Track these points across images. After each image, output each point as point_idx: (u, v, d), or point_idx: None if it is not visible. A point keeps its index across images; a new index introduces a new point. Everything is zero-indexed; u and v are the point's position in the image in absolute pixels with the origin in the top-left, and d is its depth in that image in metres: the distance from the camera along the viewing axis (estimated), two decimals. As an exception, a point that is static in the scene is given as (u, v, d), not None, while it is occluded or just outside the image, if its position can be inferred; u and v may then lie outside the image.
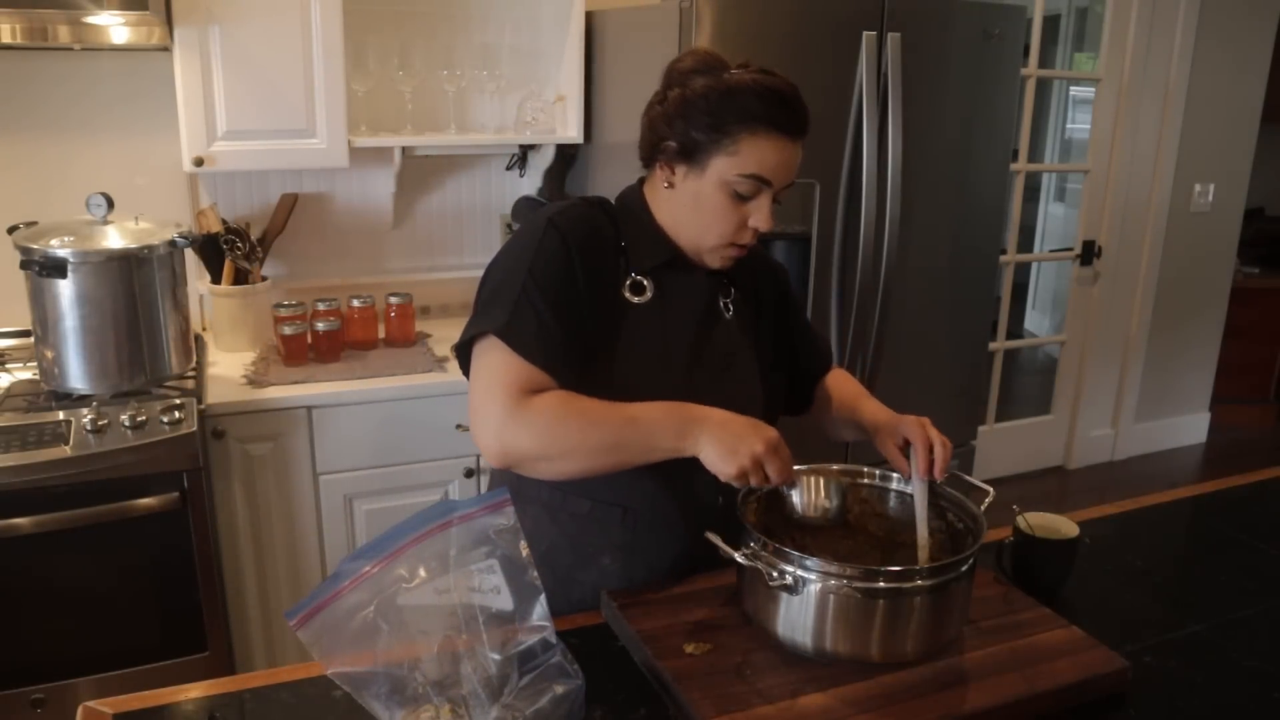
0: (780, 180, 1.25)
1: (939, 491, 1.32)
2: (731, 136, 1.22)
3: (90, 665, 2.07)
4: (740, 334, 1.41)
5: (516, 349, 1.21)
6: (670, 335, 1.32)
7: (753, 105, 1.21)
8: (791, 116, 1.23)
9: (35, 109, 2.40)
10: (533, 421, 1.20)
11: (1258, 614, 1.37)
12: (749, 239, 1.29)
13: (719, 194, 1.25)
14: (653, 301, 1.31)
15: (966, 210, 2.58)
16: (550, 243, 1.25)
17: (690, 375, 1.32)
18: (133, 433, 2.01)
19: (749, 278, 1.44)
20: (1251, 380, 4.82)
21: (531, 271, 1.23)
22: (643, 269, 1.31)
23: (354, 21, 2.43)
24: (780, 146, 1.23)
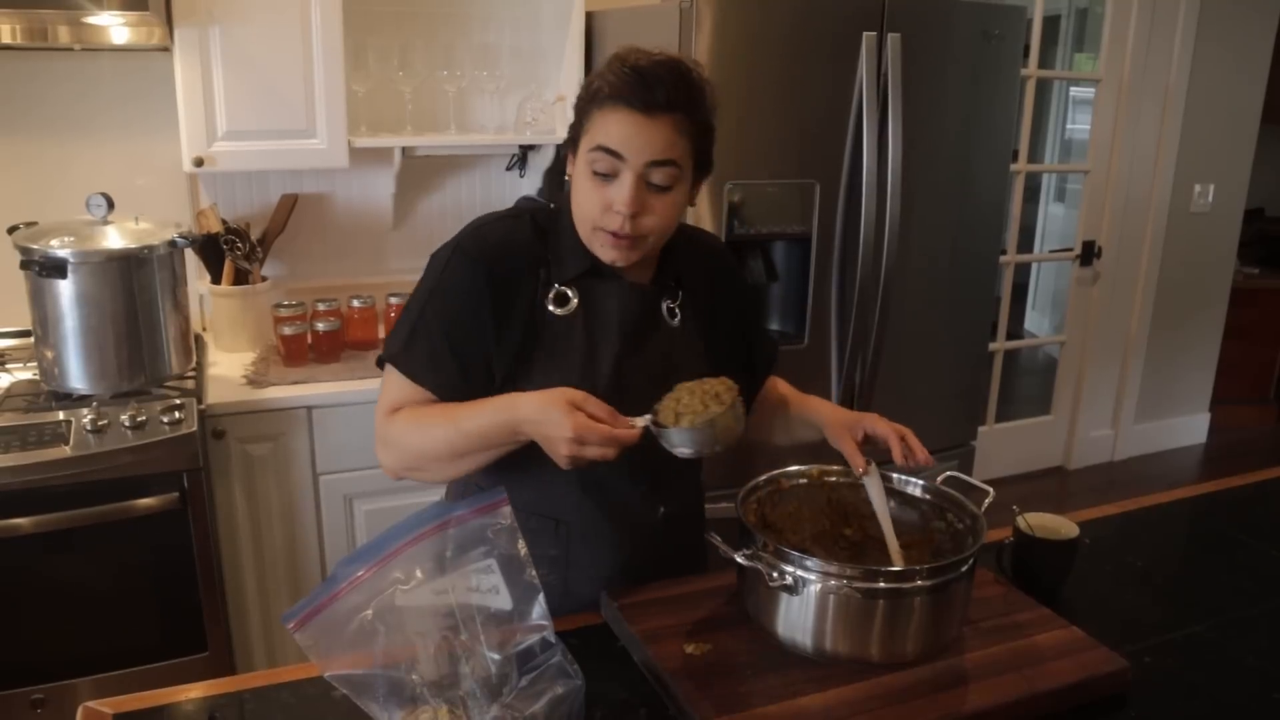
0: (633, 154, 1.19)
1: (939, 491, 1.32)
2: (589, 114, 1.22)
3: (90, 665, 2.07)
4: (687, 340, 1.37)
5: (407, 374, 1.28)
6: (594, 346, 1.29)
7: (606, 82, 1.20)
8: (641, 90, 1.18)
9: (35, 109, 2.40)
10: (392, 439, 1.29)
11: (1258, 614, 1.37)
12: (616, 224, 1.22)
13: (584, 175, 1.23)
14: (575, 312, 1.29)
15: (966, 210, 2.58)
16: (454, 269, 1.28)
17: (619, 386, 1.28)
18: (133, 433, 2.01)
19: (703, 278, 1.41)
20: (1251, 380, 4.82)
21: (431, 298, 1.29)
22: (564, 279, 1.29)
23: (354, 22, 2.43)
24: (625, 119, 1.18)
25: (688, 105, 1.21)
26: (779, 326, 2.52)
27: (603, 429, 1.13)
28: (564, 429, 1.13)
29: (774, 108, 2.26)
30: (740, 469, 1.41)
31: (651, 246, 1.28)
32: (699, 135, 1.24)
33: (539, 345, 1.28)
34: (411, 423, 1.27)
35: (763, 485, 1.32)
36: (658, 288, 1.35)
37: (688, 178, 1.26)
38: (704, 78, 1.24)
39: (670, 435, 1.16)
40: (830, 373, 2.48)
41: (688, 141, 1.22)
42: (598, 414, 1.14)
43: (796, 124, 2.28)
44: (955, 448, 2.74)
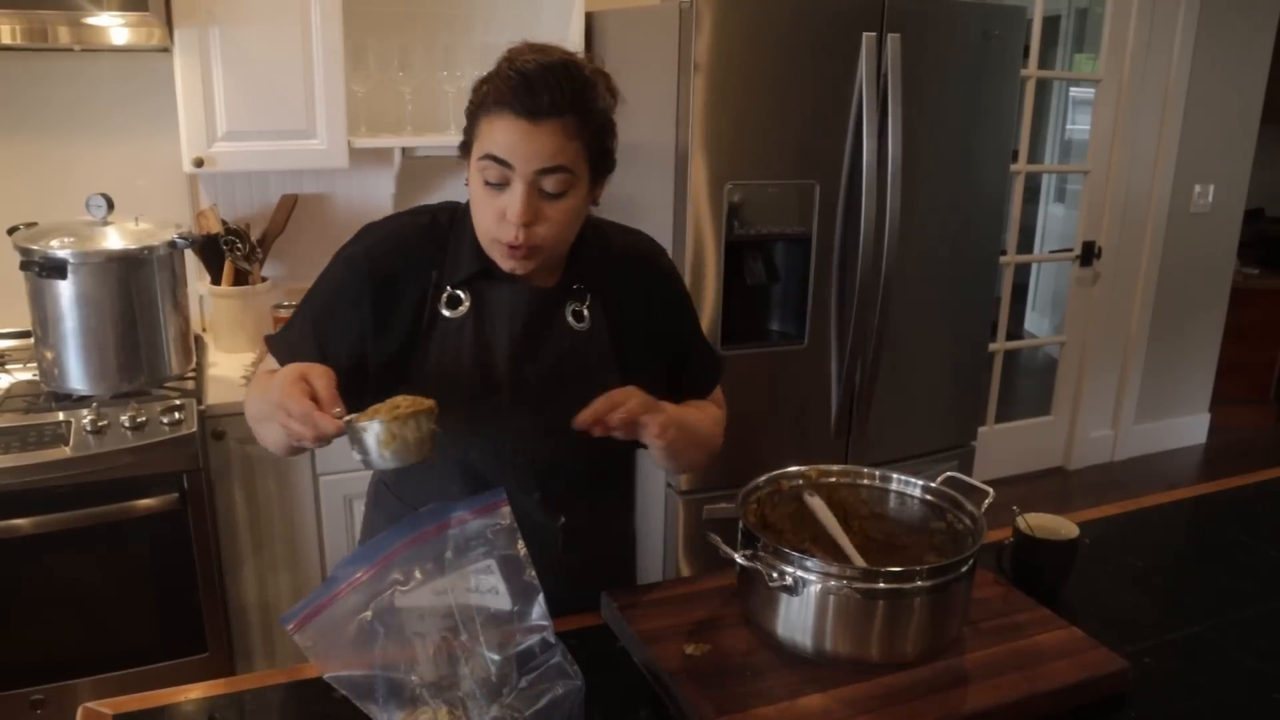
0: (521, 162, 1.15)
1: (939, 491, 1.31)
2: (477, 122, 1.19)
3: (90, 666, 2.07)
4: (595, 345, 1.32)
5: (272, 352, 1.30)
6: (485, 349, 1.26)
7: (491, 88, 1.16)
8: (523, 93, 1.13)
9: (35, 110, 2.40)
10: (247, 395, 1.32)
11: (1258, 614, 1.37)
12: (510, 235, 1.18)
13: (476, 185, 1.20)
14: (467, 315, 1.27)
15: (966, 210, 2.58)
16: (340, 266, 1.28)
17: (512, 390, 1.26)
18: (132, 433, 2.01)
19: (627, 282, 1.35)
20: (1251, 381, 4.82)
21: (313, 290, 1.30)
22: (456, 281, 1.27)
23: (354, 22, 2.43)
24: (511, 126, 1.14)
25: (578, 107, 1.16)
26: (779, 326, 2.52)
27: (303, 403, 1.07)
28: (277, 393, 1.09)
29: (774, 108, 2.26)
30: (740, 469, 1.41)
31: (550, 254, 1.24)
32: (594, 136, 1.19)
33: (428, 347, 1.26)
34: (253, 385, 1.30)
35: (763, 486, 1.32)
36: (561, 290, 1.30)
37: (583, 181, 1.21)
38: (598, 73, 1.19)
39: (352, 434, 1.09)
40: (830, 373, 2.48)
41: (579, 144, 1.18)
42: (320, 391, 1.09)
43: (796, 124, 2.28)
44: (955, 448, 2.74)
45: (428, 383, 1.24)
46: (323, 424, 1.07)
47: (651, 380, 1.34)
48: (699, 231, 2.26)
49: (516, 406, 1.27)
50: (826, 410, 2.50)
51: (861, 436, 2.55)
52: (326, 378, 1.10)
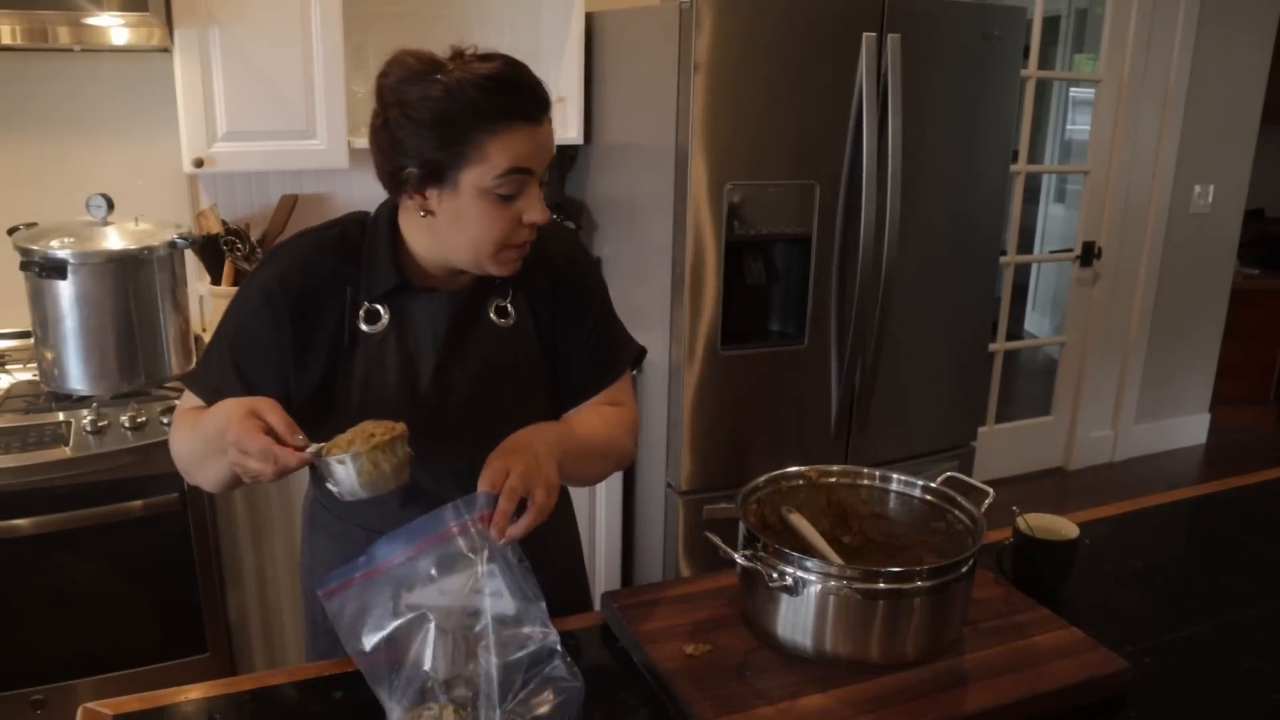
0: (539, 165, 1.16)
1: (939, 491, 1.31)
2: (474, 144, 1.11)
3: (90, 666, 2.07)
4: (521, 340, 1.31)
5: (193, 390, 1.26)
6: (409, 360, 1.24)
7: (482, 102, 1.09)
8: (529, 99, 1.12)
9: (35, 110, 2.40)
10: (172, 436, 1.27)
11: (1258, 614, 1.37)
12: (527, 235, 1.18)
13: (481, 204, 1.14)
14: (388, 328, 1.24)
15: (966, 211, 2.58)
16: (253, 295, 1.23)
17: (442, 396, 1.25)
18: (133, 434, 2.01)
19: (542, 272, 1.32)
20: (1251, 381, 4.82)
21: (227, 323, 1.25)
22: (373, 296, 1.23)
23: (354, 22, 2.43)
24: (528, 134, 1.12)
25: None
26: (779, 326, 2.52)
27: (261, 439, 1.03)
28: (230, 433, 1.04)
29: (773, 108, 2.26)
30: (740, 469, 1.41)
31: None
32: None
33: (353, 364, 1.23)
34: (180, 418, 1.26)
35: (763, 486, 1.32)
36: (480, 289, 1.28)
37: None
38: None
39: (325, 468, 1.06)
40: (830, 373, 2.48)
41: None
42: (275, 425, 1.05)
43: (796, 124, 2.28)
44: (955, 448, 2.74)
45: (355, 401, 1.22)
46: (286, 459, 1.03)
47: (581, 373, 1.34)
48: (699, 231, 2.26)
49: (448, 412, 1.25)
50: (826, 410, 2.50)
51: (861, 436, 2.55)
52: (277, 410, 1.06)
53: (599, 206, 2.77)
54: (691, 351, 2.33)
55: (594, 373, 1.37)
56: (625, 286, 2.55)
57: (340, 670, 1.20)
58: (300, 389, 1.23)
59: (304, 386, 1.23)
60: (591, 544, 2.56)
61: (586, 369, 1.37)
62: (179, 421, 1.26)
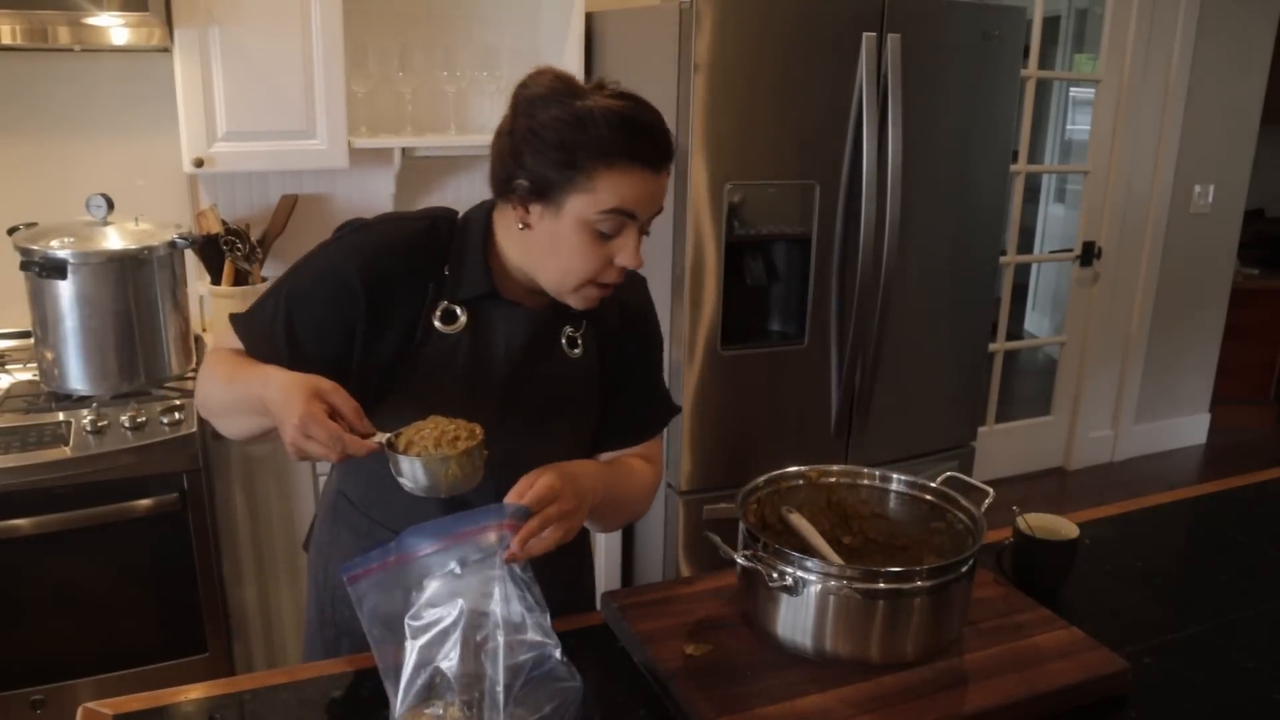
0: (646, 213, 1.15)
1: (939, 491, 1.31)
2: (586, 173, 1.10)
3: (90, 666, 2.07)
4: (585, 372, 1.30)
5: (237, 331, 1.25)
6: (477, 368, 1.23)
7: (607, 136, 1.09)
8: (652, 146, 1.12)
9: (35, 110, 2.40)
10: (201, 374, 1.26)
11: (1258, 614, 1.37)
12: (615, 277, 1.18)
13: (579, 234, 1.13)
14: (463, 332, 1.23)
15: (966, 211, 2.58)
16: (327, 263, 1.22)
17: (501, 411, 1.24)
18: (132, 434, 2.01)
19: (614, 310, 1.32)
20: (1251, 381, 4.82)
21: (295, 278, 1.23)
22: (457, 299, 1.22)
23: (354, 22, 2.43)
24: (642, 179, 1.12)
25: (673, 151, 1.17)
26: (779, 326, 2.52)
27: (330, 426, 1.02)
28: (293, 414, 1.02)
29: (774, 108, 2.26)
30: (740, 469, 1.41)
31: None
32: None
33: (420, 359, 1.22)
34: (214, 362, 1.23)
35: (763, 486, 1.32)
36: (557, 314, 1.27)
37: None
38: None
39: (399, 462, 1.07)
40: (830, 373, 2.48)
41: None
42: (342, 409, 1.05)
43: (796, 124, 2.28)
44: (955, 448, 2.74)
45: (416, 394, 1.22)
46: (355, 449, 1.03)
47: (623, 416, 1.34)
48: (699, 231, 2.26)
49: (504, 429, 1.24)
50: (826, 410, 2.50)
51: (861, 436, 2.55)
52: (342, 394, 1.06)
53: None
54: (691, 351, 2.33)
55: (636, 424, 1.38)
56: (625, 286, 2.55)
57: (340, 670, 1.20)
58: (362, 370, 1.21)
59: (366, 369, 1.21)
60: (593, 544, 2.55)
61: (630, 418, 1.37)
62: (213, 362, 1.23)
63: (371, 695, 1.16)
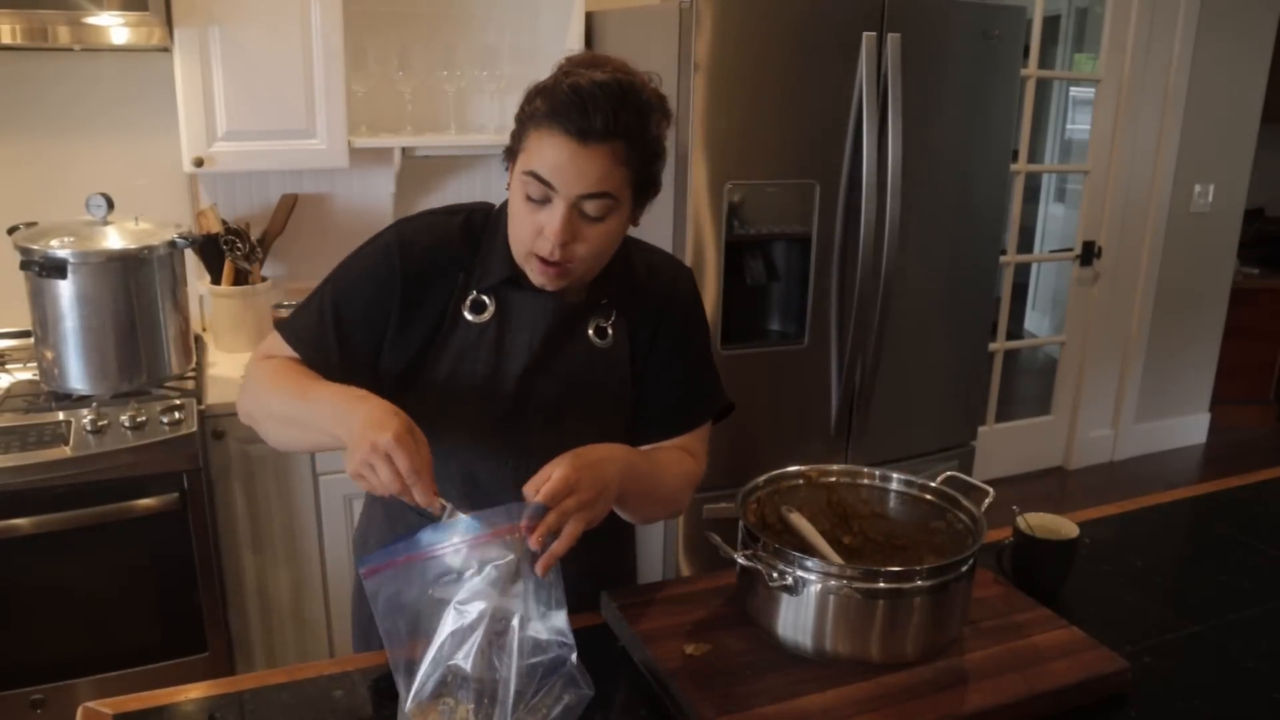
0: (564, 185, 1.12)
1: (939, 491, 1.31)
2: (525, 132, 1.15)
3: (90, 666, 2.07)
4: (614, 363, 1.30)
5: (287, 338, 1.25)
6: (503, 356, 1.25)
7: (548, 100, 1.11)
8: (580, 117, 1.09)
9: (35, 109, 2.40)
10: (251, 380, 1.25)
11: (1258, 614, 1.37)
12: (545, 250, 1.15)
13: (516, 196, 1.17)
14: (490, 321, 1.25)
15: (966, 210, 2.58)
16: (371, 252, 1.26)
17: (523, 401, 1.25)
18: (133, 433, 2.01)
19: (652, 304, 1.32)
20: (1251, 380, 4.82)
21: (339, 275, 1.26)
22: (484, 286, 1.25)
23: (354, 22, 2.43)
24: (561, 146, 1.10)
25: (630, 132, 1.12)
26: (779, 326, 2.52)
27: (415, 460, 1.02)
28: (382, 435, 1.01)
29: (774, 108, 2.26)
30: (740, 469, 1.41)
31: (583, 274, 1.22)
32: (642, 162, 1.16)
33: (446, 348, 1.24)
34: (272, 371, 1.22)
35: (763, 486, 1.32)
36: (587, 306, 1.28)
37: (626, 206, 1.18)
38: (656, 96, 1.16)
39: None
40: (830, 373, 2.48)
41: (627, 171, 1.14)
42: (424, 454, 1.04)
43: (796, 124, 2.28)
44: (955, 448, 2.74)
45: (440, 382, 1.23)
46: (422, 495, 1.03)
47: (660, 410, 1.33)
48: (699, 231, 2.26)
49: (526, 419, 1.25)
50: (826, 410, 2.50)
51: (861, 436, 2.55)
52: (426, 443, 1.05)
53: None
54: (691, 351, 2.33)
55: (676, 415, 1.36)
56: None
57: (340, 670, 1.20)
58: (392, 358, 1.24)
59: (397, 356, 1.24)
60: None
61: (669, 409, 1.35)
62: (273, 372, 1.21)
63: (372, 694, 1.16)
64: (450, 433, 1.25)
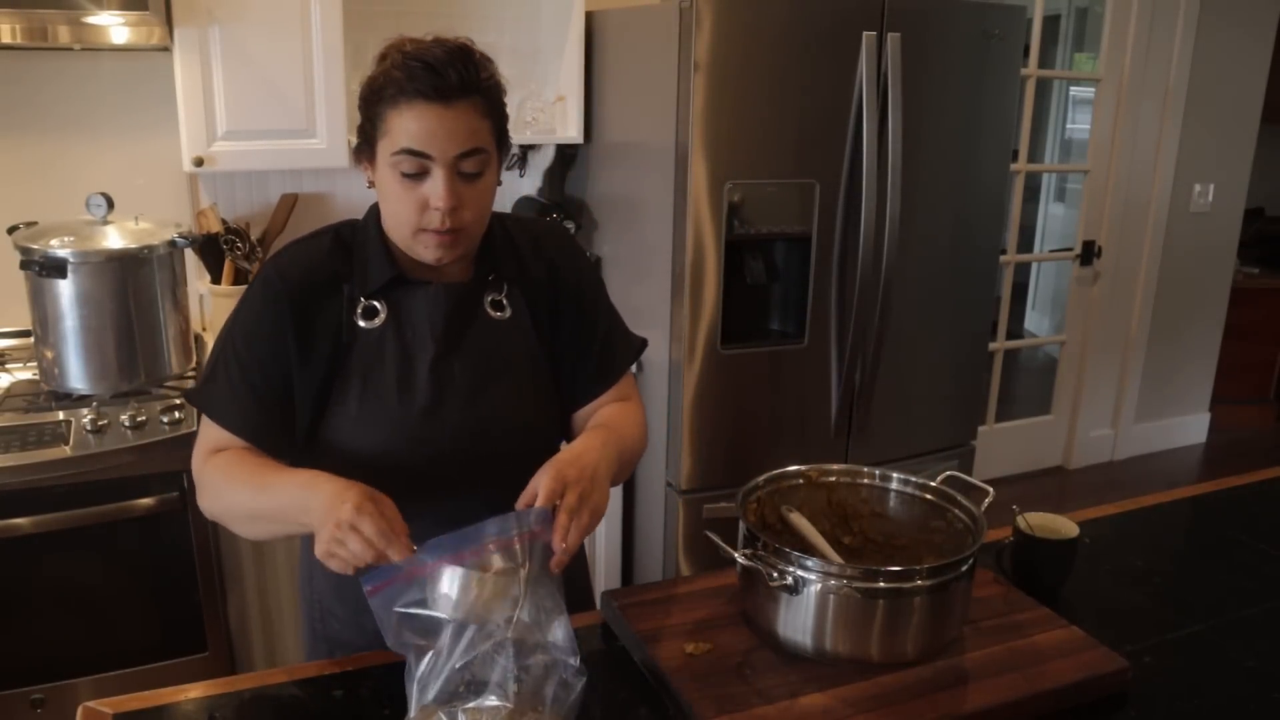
0: (439, 150, 1.14)
1: (939, 490, 1.31)
2: (381, 117, 1.15)
3: (90, 665, 2.07)
4: (518, 334, 1.31)
5: (205, 411, 1.24)
6: (408, 354, 1.24)
7: (390, 78, 1.14)
8: (431, 80, 1.12)
9: (35, 109, 2.40)
10: (204, 483, 1.23)
11: (1258, 614, 1.37)
12: (437, 222, 1.16)
13: (391, 180, 1.17)
14: (385, 323, 1.24)
15: (966, 210, 2.58)
16: (251, 301, 1.24)
17: (439, 390, 1.24)
18: (132, 433, 2.01)
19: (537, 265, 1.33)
20: (1251, 380, 4.82)
21: (230, 333, 1.25)
22: (369, 291, 1.24)
23: (354, 21, 2.43)
24: (422, 113, 1.13)
25: (484, 86, 1.17)
26: (779, 326, 2.52)
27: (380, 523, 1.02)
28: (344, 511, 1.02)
29: (774, 108, 2.26)
30: (740, 469, 1.41)
31: (472, 237, 1.24)
32: (499, 114, 1.21)
33: (352, 363, 1.23)
34: (224, 471, 1.20)
35: (763, 486, 1.32)
36: (476, 283, 1.29)
37: (495, 159, 1.21)
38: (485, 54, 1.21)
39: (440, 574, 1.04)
40: (830, 373, 2.48)
41: (489, 123, 1.18)
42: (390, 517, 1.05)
43: (796, 124, 2.28)
44: (955, 448, 2.74)
45: (355, 397, 1.23)
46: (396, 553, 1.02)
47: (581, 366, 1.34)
48: (699, 231, 2.26)
49: (447, 405, 1.25)
50: (826, 410, 2.50)
51: (861, 436, 2.55)
52: (392, 506, 1.06)
53: (599, 206, 2.77)
54: (691, 351, 2.33)
55: (599, 371, 1.37)
56: (625, 285, 2.55)
57: (340, 669, 1.20)
58: (302, 387, 1.23)
59: (306, 385, 1.23)
60: (592, 543, 2.56)
61: (591, 369, 1.36)
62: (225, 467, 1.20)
63: (371, 695, 1.16)
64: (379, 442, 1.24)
